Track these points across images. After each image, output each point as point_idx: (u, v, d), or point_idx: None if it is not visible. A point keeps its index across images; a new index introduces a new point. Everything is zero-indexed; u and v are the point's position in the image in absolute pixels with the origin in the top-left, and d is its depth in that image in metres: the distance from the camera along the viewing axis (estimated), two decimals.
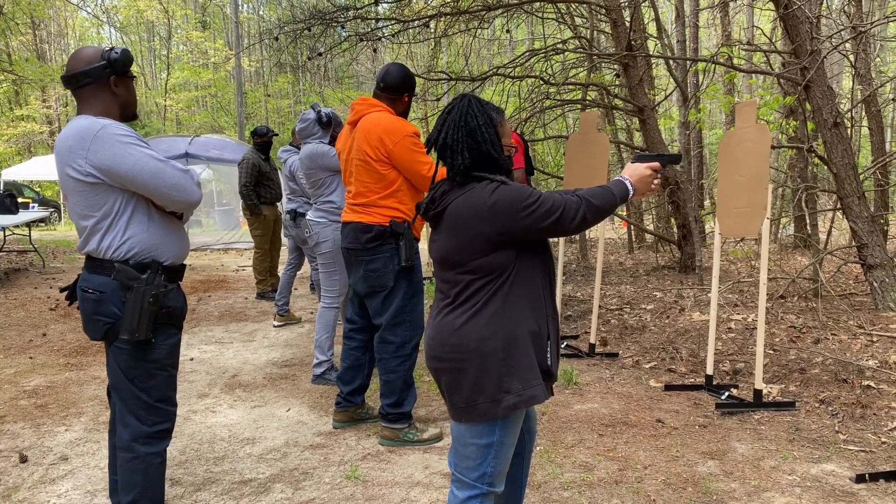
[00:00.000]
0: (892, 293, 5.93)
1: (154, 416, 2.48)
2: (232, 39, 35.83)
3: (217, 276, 9.52)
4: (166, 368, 2.49)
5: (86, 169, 2.30)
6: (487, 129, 2.09)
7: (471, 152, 2.06)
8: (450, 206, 2.08)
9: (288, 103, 37.08)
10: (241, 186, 7.40)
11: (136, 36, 37.25)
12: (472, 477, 2.12)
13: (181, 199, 2.40)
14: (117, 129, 2.33)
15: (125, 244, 2.38)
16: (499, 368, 2.03)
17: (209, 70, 32.22)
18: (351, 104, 3.59)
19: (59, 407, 4.31)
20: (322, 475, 3.31)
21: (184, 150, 14.26)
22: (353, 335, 3.83)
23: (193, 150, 14.37)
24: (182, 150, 14.29)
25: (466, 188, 2.07)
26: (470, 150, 2.06)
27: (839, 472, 3.19)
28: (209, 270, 10.26)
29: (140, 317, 2.34)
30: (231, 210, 17.85)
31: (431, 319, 2.19)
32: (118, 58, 2.41)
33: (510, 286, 2.05)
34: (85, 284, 2.42)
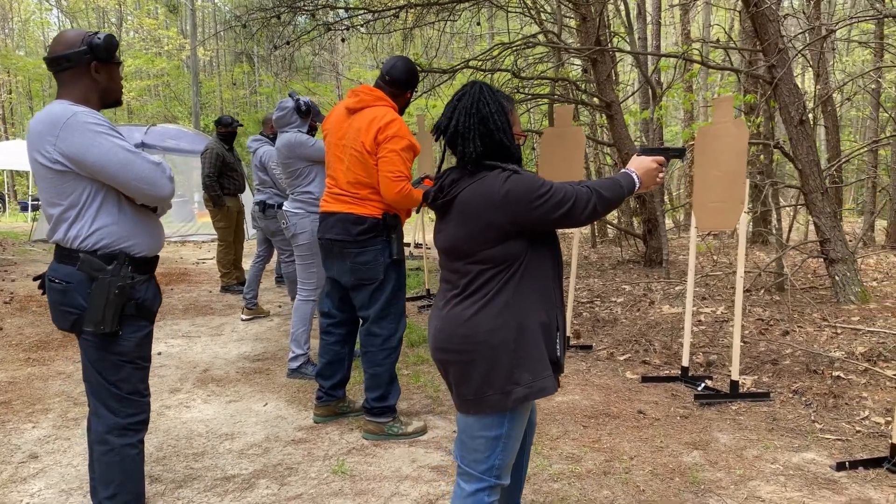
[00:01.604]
0: (852, 287, 6.10)
1: (127, 407, 2.41)
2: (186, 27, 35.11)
3: (178, 269, 9.30)
4: (134, 361, 2.40)
5: (53, 156, 2.22)
6: (500, 117, 2.06)
7: (483, 140, 2.02)
8: (460, 194, 2.05)
9: (244, 93, 36.47)
10: (205, 177, 7.24)
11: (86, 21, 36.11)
12: (480, 470, 2.10)
13: (150, 192, 2.31)
14: (89, 116, 2.24)
15: (93, 235, 2.29)
16: (509, 360, 2.00)
17: (163, 59, 31.41)
18: (354, 90, 3.51)
19: (24, 403, 4.15)
20: (307, 470, 3.25)
21: (139, 140, 13.88)
22: (331, 330, 3.76)
23: (149, 139, 14.00)
24: (137, 140, 13.91)
25: (477, 177, 2.04)
26: (482, 137, 2.03)
27: (819, 461, 3.26)
28: (168, 263, 10.01)
29: (105, 309, 2.27)
30: (186, 202, 17.42)
31: (437, 310, 2.15)
32: (100, 43, 2.32)
33: (521, 277, 2.02)
34: (52, 274, 2.34)
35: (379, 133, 3.33)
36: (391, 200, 3.37)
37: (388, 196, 3.35)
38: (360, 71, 28.43)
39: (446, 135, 2.07)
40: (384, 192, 3.35)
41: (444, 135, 2.09)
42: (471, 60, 7.66)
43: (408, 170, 3.39)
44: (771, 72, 6.01)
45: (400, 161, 3.34)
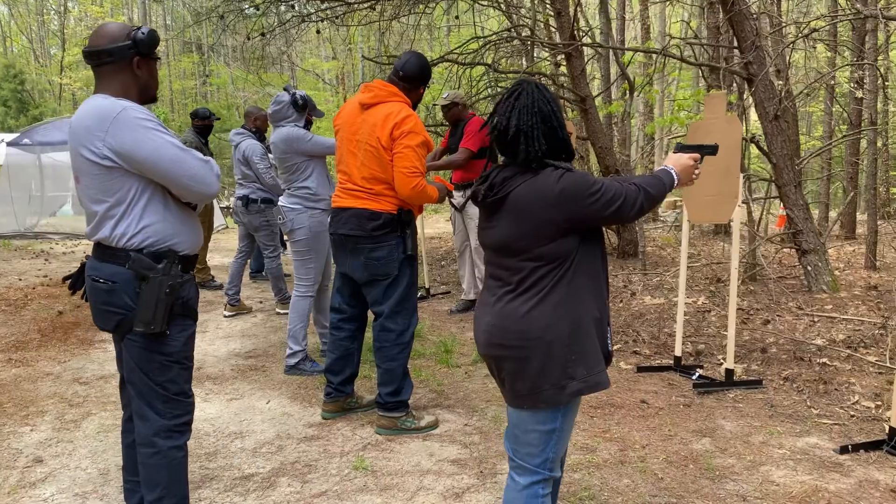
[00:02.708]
0: (823, 276, 6.34)
1: (173, 408, 2.36)
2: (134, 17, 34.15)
3: None
4: (181, 361, 2.37)
5: (103, 152, 2.16)
6: (559, 115, 2.09)
7: (546, 138, 2.05)
8: (513, 192, 2.07)
9: (193, 84, 35.68)
10: None
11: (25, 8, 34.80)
12: (534, 463, 2.14)
13: (200, 190, 2.28)
14: (138, 112, 2.20)
15: (140, 233, 2.24)
16: (564, 355, 2.04)
17: None
18: (368, 85, 3.49)
19: (16, 406, 4.02)
20: (327, 467, 3.24)
21: None
22: (341, 325, 3.75)
23: None
24: None
25: (530, 174, 2.06)
26: (545, 136, 2.05)
27: (822, 445, 3.40)
28: None
29: (156, 308, 2.22)
30: None
31: (487, 306, 2.17)
32: (144, 38, 2.28)
33: (573, 272, 2.06)
34: (95, 273, 2.28)
35: (395, 129, 3.33)
36: (406, 196, 3.38)
37: (403, 192, 3.36)
38: (316, 62, 28.10)
39: (507, 134, 2.08)
40: (399, 188, 3.36)
41: (503, 134, 2.09)
42: (447, 54, 7.66)
43: (423, 166, 3.40)
44: (747, 68, 6.19)
45: (415, 157, 3.35)
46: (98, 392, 4.26)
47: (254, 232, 6.19)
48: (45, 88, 31.94)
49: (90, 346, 5.30)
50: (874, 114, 8.20)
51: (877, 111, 8.40)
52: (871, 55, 7.67)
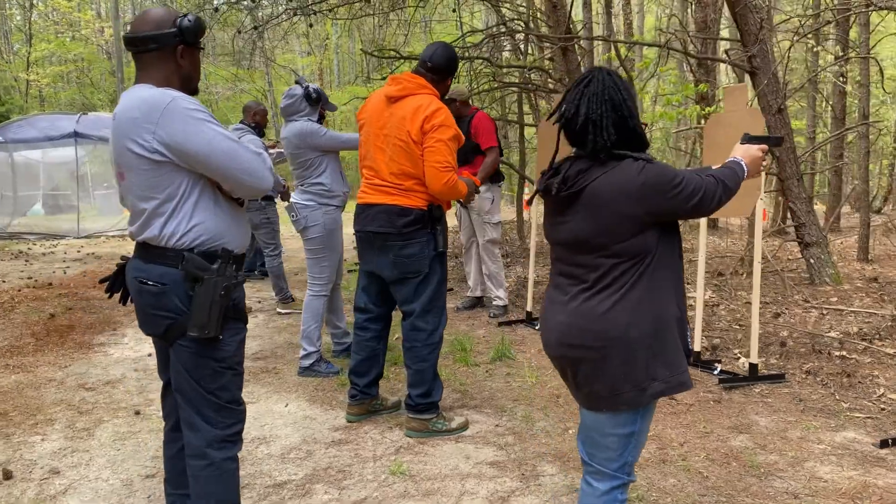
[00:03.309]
0: (826, 269, 6.36)
1: (225, 417, 2.23)
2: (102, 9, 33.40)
3: None
4: (234, 367, 2.24)
5: (152, 145, 2.02)
6: (631, 104, 2.00)
7: (616, 128, 1.96)
8: (589, 185, 1.97)
9: None
10: None
11: None
12: (614, 468, 2.06)
13: (253, 184, 2.14)
14: (188, 102, 2.06)
15: (191, 231, 2.11)
16: (646, 355, 1.96)
17: (79, 43, 29.75)
18: (395, 78, 3.37)
19: (23, 415, 3.84)
20: (361, 472, 3.13)
21: (72, 130, 13.14)
22: (367, 325, 3.63)
23: (83, 128, 13.26)
24: (70, 130, 13.17)
25: (608, 166, 1.97)
26: (615, 125, 1.96)
27: (860, 439, 3.37)
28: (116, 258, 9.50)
29: (210, 311, 2.09)
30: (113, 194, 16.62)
31: (559, 305, 2.08)
32: (190, 26, 2.14)
33: (654, 269, 1.98)
34: (142, 275, 2.13)
35: (425, 122, 3.22)
36: (437, 191, 3.28)
37: (435, 187, 3.25)
38: (292, 57, 27.74)
39: (576, 123, 1.99)
40: (430, 183, 3.25)
41: (571, 122, 2.01)
42: None
43: (454, 160, 3.30)
44: (751, 62, 6.17)
45: (447, 151, 3.24)
46: (106, 398, 4.10)
47: (253, 230, 6.03)
48: (10, 85, 31.10)
49: (89, 350, 5.11)
50: (866, 108, 8.28)
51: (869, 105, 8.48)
52: (864, 49, 7.72)
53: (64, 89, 31.91)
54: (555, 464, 3.17)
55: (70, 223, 13.41)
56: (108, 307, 6.42)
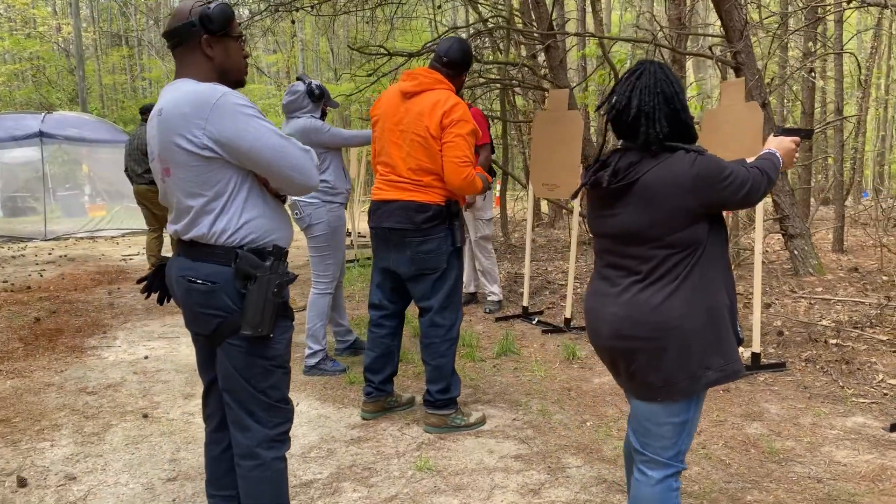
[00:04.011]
0: (810, 260, 6.52)
1: (275, 416, 2.21)
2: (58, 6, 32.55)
3: (112, 268, 8.65)
4: (283, 365, 2.22)
5: (202, 141, 1.98)
6: (683, 97, 2.03)
7: (668, 120, 1.99)
8: (641, 178, 1.99)
9: (125, 78, 34.38)
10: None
11: None
12: (668, 456, 2.08)
13: (302, 181, 2.11)
14: (238, 97, 2.03)
15: (242, 228, 2.07)
16: (701, 344, 1.99)
17: (34, 41, 28.94)
18: (411, 73, 3.36)
19: (27, 421, 3.74)
20: (387, 469, 3.12)
21: (37, 129, 12.82)
22: (382, 322, 3.62)
23: (48, 128, 12.93)
24: (35, 130, 12.84)
25: (660, 159, 1.99)
26: (667, 118, 1.99)
27: (870, 423, 3.46)
28: (94, 261, 9.31)
29: (264, 309, 2.06)
30: (76, 195, 16.22)
31: (610, 297, 2.09)
32: (211, 13, 2.08)
33: (705, 259, 2.01)
34: (190, 274, 2.09)
35: (444, 117, 3.21)
36: (456, 186, 3.27)
37: (455, 182, 3.25)
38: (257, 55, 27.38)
39: (628, 115, 2.01)
40: (450, 178, 3.25)
41: (622, 114, 2.02)
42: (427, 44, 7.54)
43: (473, 155, 3.30)
44: (736, 57, 6.29)
45: (466, 146, 3.24)
46: (110, 402, 4.01)
47: None
48: None
49: (82, 353, 4.99)
50: (840, 102, 8.50)
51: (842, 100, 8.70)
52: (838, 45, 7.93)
53: (19, 88, 31.02)
54: (578, 456, 3.20)
55: (34, 225, 13.05)
56: (94, 310, 6.28)
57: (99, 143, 13.36)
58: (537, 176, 5.50)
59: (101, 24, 36.07)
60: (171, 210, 2.17)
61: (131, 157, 7.33)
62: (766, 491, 2.85)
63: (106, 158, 13.74)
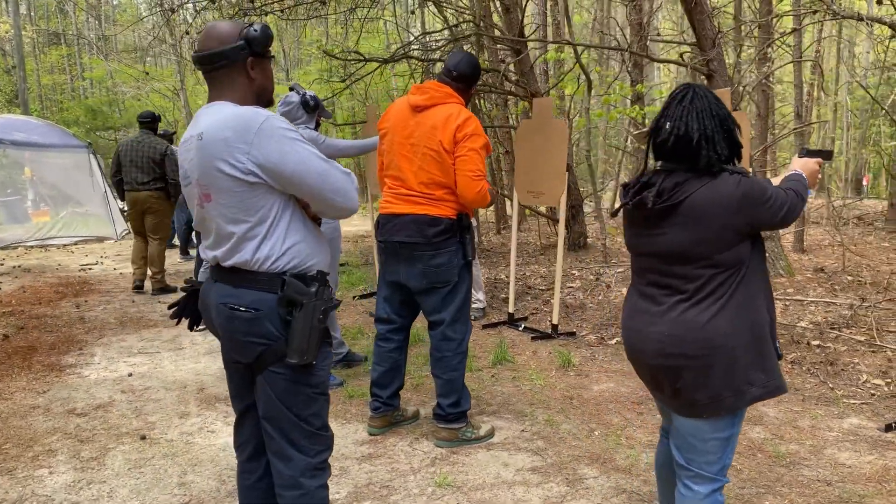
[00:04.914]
0: (780, 261, 6.72)
1: (316, 444, 2.18)
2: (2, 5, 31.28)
3: (74, 279, 8.36)
4: (325, 392, 2.19)
5: (247, 166, 1.94)
6: (732, 119, 2.08)
7: (726, 143, 2.03)
8: (688, 198, 2.03)
9: (65, 79, 33.27)
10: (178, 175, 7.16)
11: None
12: (713, 471, 2.13)
13: (344, 205, 2.09)
14: (280, 121, 2.00)
15: (286, 254, 2.04)
16: (746, 361, 2.04)
17: None
18: (420, 87, 3.34)
19: (18, 447, 3.59)
20: (406, 486, 3.10)
21: None
22: (390, 336, 3.59)
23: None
24: None
25: (704, 179, 2.03)
26: (725, 140, 2.03)
27: (865, 424, 3.59)
28: (52, 271, 8.97)
29: (310, 336, 2.03)
30: (18, 201, 15.61)
31: (655, 317, 2.12)
32: (257, 36, 2.06)
33: (747, 277, 2.06)
34: (232, 301, 2.04)
35: (457, 131, 3.21)
36: (470, 200, 3.28)
37: (468, 196, 3.25)
38: None
39: (689, 138, 2.02)
40: (463, 192, 3.25)
41: (681, 139, 2.03)
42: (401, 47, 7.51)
43: (485, 169, 3.31)
44: (708, 65, 6.43)
45: (479, 160, 3.25)
46: (103, 423, 3.88)
47: None
48: None
49: (61, 372, 4.81)
50: (800, 107, 8.80)
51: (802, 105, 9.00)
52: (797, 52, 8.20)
53: None
54: (593, 466, 3.23)
55: None
56: (64, 325, 6.07)
57: (48, 147, 12.90)
58: (522, 184, 5.54)
59: (39, 22, 34.86)
60: (208, 235, 2.12)
61: (134, 164, 7.09)
62: (780, 495, 2.93)
63: (54, 163, 13.31)
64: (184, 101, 25.65)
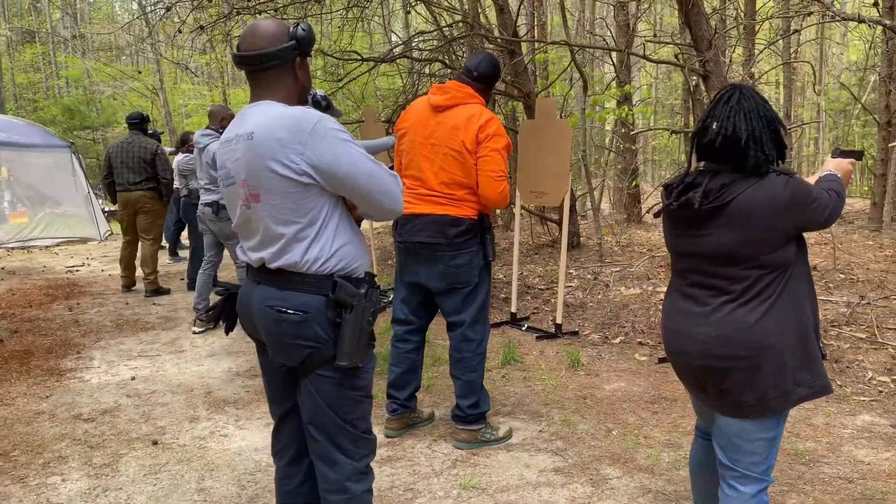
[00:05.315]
0: None
1: (361, 448, 2.16)
2: None
3: (62, 281, 8.21)
4: (370, 395, 2.18)
5: (301, 167, 1.91)
6: (779, 120, 2.08)
7: (773, 143, 2.04)
8: (735, 199, 2.03)
9: (40, 77, 32.72)
10: (169, 178, 7.25)
11: None
12: (759, 471, 2.13)
13: (391, 206, 2.08)
14: (333, 123, 1.98)
15: (334, 256, 2.01)
16: (793, 362, 2.04)
17: None
18: (441, 87, 3.32)
19: (27, 454, 3.51)
20: (430, 489, 3.08)
21: None
22: (408, 337, 3.57)
23: None
24: None
25: (751, 180, 2.04)
26: (772, 141, 2.04)
27: (877, 421, 3.64)
28: (38, 273, 8.81)
29: (360, 339, 2.01)
30: None
31: (700, 317, 2.12)
32: (307, 35, 2.05)
33: (794, 278, 2.07)
34: (279, 304, 2.01)
35: (480, 131, 3.20)
36: (492, 200, 3.27)
37: (490, 196, 3.24)
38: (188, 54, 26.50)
39: (736, 140, 2.02)
40: (485, 192, 3.24)
41: (729, 140, 2.03)
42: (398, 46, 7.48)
43: (507, 169, 3.30)
44: (704, 66, 6.48)
45: (501, 160, 3.24)
46: (112, 429, 3.81)
47: (225, 240, 5.76)
48: None
49: (61, 376, 4.72)
50: (788, 108, 8.91)
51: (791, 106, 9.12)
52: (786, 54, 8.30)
53: None
54: (615, 466, 3.24)
55: None
56: (59, 328, 5.96)
57: (29, 147, 12.67)
58: (524, 184, 5.54)
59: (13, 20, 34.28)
60: (251, 236, 2.08)
61: (125, 165, 6.99)
62: (804, 493, 2.96)
63: (34, 163, 13.06)
64: (163, 101, 25.36)
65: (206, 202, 5.61)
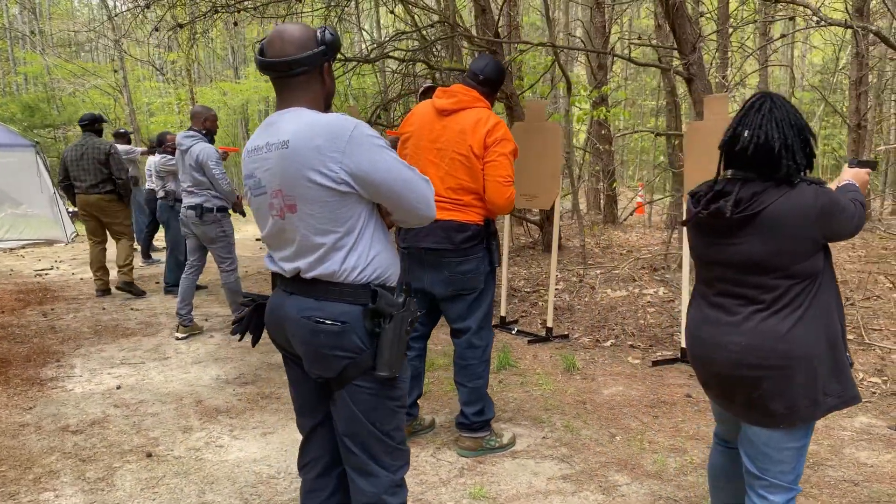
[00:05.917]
0: None
1: (397, 460, 2.11)
2: None
3: (33, 285, 7.96)
4: (405, 405, 2.13)
5: (340, 175, 1.85)
6: (809, 129, 2.08)
7: (804, 152, 2.03)
8: (767, 209, 2.02)
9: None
10: (127, 178, 7.00)
11: None
12: (789, 480, 2.13)
13: (425, 213, 2.03)
14: (368, 129, 1.93)
15: (371, 264, 1.96)
16: (823, 371, 2.05)
17: None
18: (448, 90, 3.27)
19: (16, 469, 3.38)
20: (440, 499, 3.03)
21: None
22: (411, 344, 3.52)
23: None
24: None
25: (782, 189, 2.03)
26: (803, 150, 2.03)
27: (874, 423, 3.69)
28: (5, 277, 8.52)
29: (398, 349, 1.97)
30: None
31: (731, 327, 2.10)
32: (334, 40, 2.00)
33: (822, 287, 2.07)
34: (317, 314, 1.95)
35: (487, 136, 3.16)
36: (499, 205, 3.23)
37: (498, 201, 3.21)
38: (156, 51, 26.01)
39: (770, 147, 2.01)
40: (493, 197, 3.20)
41: (761, 148, 2.02)
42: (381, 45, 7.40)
43: (514, 174, 3.27)
44: (688, 69, 6.53)
45: (509, 165, 3.21)
46: (102, 441, 3.69)
47: (209, 244, 5.63)
48: None
49: (43, 386, 4.56)
50: None
51: None
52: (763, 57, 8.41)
53: None
54: (623, 472, 3.22)
55: None
56: (35, 335, 5.77)
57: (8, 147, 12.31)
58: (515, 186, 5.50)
59: None
60: (285, 247, 2.00)
61: (79, 166, 6.81)
62: (812, 497, 2.98)
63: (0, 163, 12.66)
64: (127, 99, 24.83)
65: (190, 205, 5.48)
